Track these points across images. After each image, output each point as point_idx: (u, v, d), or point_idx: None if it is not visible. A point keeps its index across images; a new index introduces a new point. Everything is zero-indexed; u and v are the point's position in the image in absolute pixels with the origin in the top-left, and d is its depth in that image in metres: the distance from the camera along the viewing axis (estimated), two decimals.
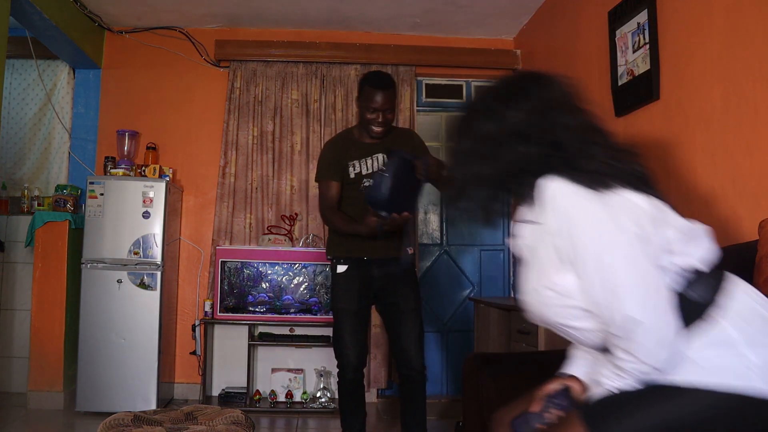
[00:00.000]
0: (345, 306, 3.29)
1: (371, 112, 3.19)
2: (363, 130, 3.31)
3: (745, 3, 2.55)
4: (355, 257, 3.30)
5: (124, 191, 4.55)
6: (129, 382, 4.44)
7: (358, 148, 3.33)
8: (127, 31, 5.22)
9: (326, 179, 3.32)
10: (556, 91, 1.58)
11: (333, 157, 3.33)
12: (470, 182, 1.58)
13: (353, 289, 3.30)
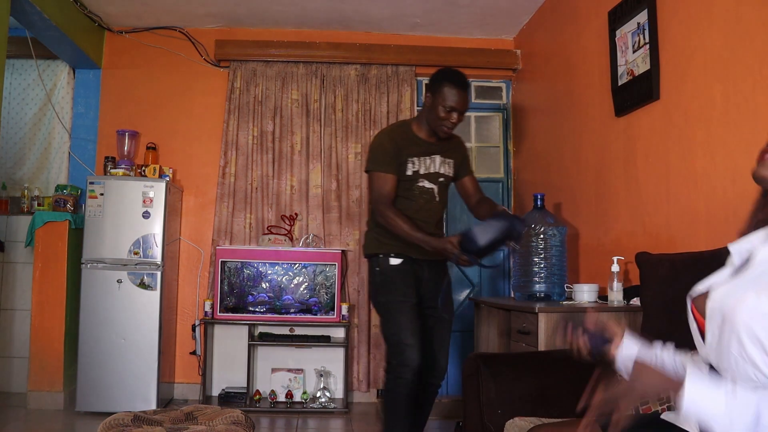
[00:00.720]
0: (405, 298, 3.06)
1: (446, 111, 3.08)
2: (424, 126, 3.20)
3: (745, 3, 2.55)
4: (408, 255, 3.13)
5: (124, 191, 4.55)
6: (129, 382, 4.44)
7: (418, 145, 3.19)
8: (127, 31, 5.22)
9: (385, 171, 3.11)
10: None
11: (393, 149, 3.13)
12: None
13: (410, 283, 3.11)
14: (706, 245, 2.49)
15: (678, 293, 1.75)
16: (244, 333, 4.84)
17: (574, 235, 4.09)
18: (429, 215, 3.21)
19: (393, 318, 3.06)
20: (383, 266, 3.15)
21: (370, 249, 3.23)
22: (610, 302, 3.12)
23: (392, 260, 3.13)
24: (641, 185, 3.35)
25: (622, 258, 3.22)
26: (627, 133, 3.50)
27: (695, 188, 2.86)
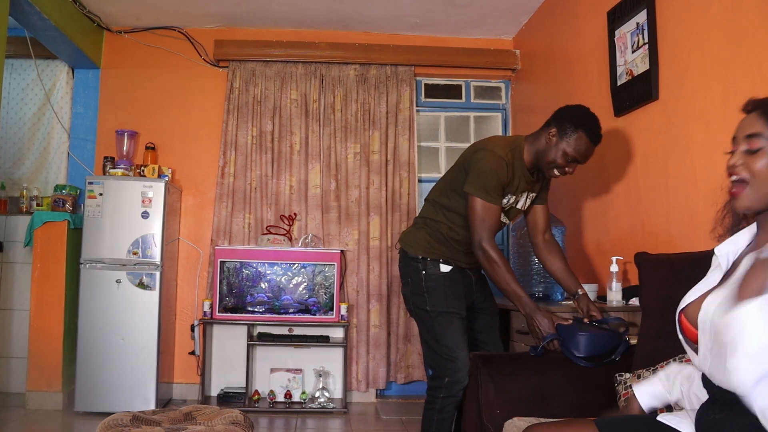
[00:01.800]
0: (455, 310, 2.89)
1: (570, 161, 2.77)
2: (532, 158, 2.86)
3: (744, 3, 2.55)
4: (456, 264, 2.97)
5: (123, 191, 4.55)
6: (128, 382, 4.44)
7: (523, 180, 2.89)
8: (126, 31, 5.22)
9: (492, 201, 2.78)
10: None
11: (506, 181, 2.82)
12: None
13: (460, 293, 2.95)
14: (706, 245, 2.49)
15: (677, 293, 1.75)
16: (243, 333, 4.84)
17: (573, 234, 4.09)
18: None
19: (445, 332, 2.85)
20: (432, 271, 2.94)
21: (417, 250, 2.98)
22: (609, 302, 3.12)
23: (443, 267, 2.94)
24: (640, 185, 3.35)
25: (621, 258, 3.22)
26: (626, 133, 3.50)
27: (694, 188, 2.86)
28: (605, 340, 2.57)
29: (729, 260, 1.54)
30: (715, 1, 2.73)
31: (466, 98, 5.58)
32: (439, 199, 3.00)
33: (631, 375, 2.29)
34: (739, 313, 1.33)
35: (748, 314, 1.31)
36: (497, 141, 2.90)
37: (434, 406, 2.83)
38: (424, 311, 2.93)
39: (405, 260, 3.05)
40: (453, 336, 2.83)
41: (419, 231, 3.02)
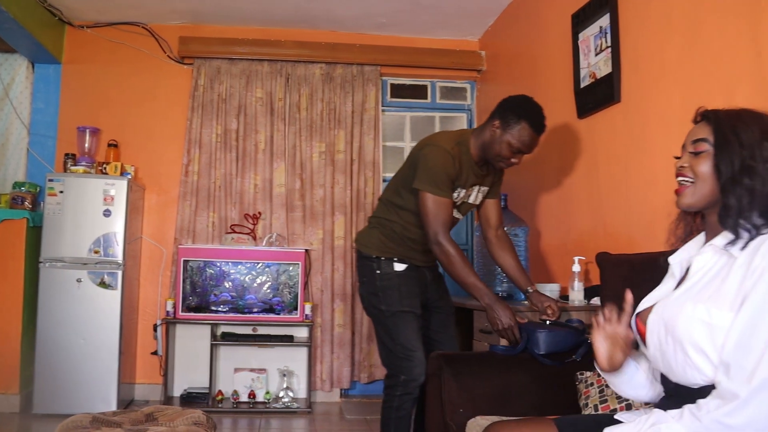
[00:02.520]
0: (410, 309, 2.89)
1: (515, 152, 2.79)
2: (479, 151, 2.87)
3: (703, 10, 2.60)
4: (411, 263, 2.97)
5: (84, 189, 4.48)
6: (88, 383, 4.37)
7: (472, 174, 2.90)
8: (89, 26, 5.13)
9: (442, 196, 2.78)
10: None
11: (454, 175, 2.83)
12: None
13: (414, 292, 2.95)
14: (665, 246, 2.53)
15: (637, 294, 1.78)
16: (206, 333, 4.80)
17: (536, 235, 4.13)
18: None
19: (400, 330, 2.86)
20: (386, 270, 2.94)
21: (371, 250, 2.99)
22: (571, 301, 3.16)
23: (397, 266, 2.93)
24: (602, 186, 3.40)
25: (583, 258, 3.26)
26: (589, 134, 3.55)
27: (654, 190, 2.91)
28: (564, 337, 2.61)
29: (682, 267, 1.62)
30: (676, 8, 2.78)
31: (432, 98, 5.61)
32: (391, 198, 3.01)
33: (592, 373, 2.33)
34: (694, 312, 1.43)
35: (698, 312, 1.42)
36: (443, 136, 2.94)
37: (392, 405, 2.85)
38: (378, 310, 2.93)
39: (360, 260, 3.06)
40: (408, 335, 2.85)
41: (373, 230, 3.04)
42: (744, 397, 1.31)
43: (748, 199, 1.44)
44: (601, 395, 2.23)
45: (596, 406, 2.22)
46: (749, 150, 1.46)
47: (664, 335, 1.51)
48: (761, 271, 1.36)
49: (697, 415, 1.37)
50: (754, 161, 1.45)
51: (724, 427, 1.32)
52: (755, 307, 1.34)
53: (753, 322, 1.34)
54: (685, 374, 1.46)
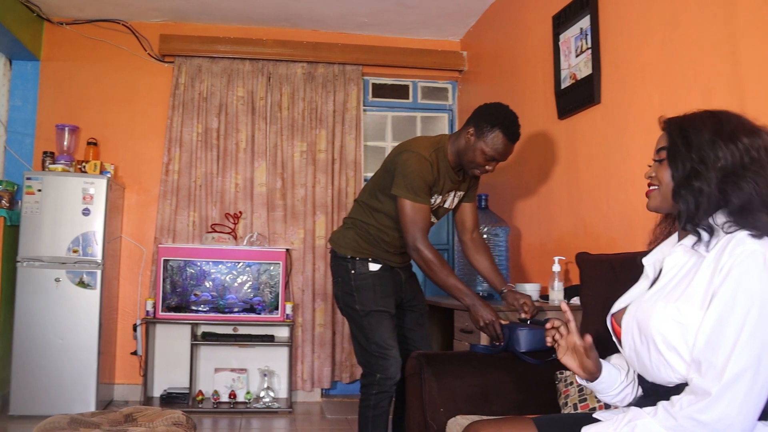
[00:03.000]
0: (384, 309, 2.91)
1: (489, 159, 2.80)
2: (454, 158, 2.89)
3: (682, 14, 2.63)
4: (386, 263, 2.99)
5: (63, 187, 4.44)
6: (66, 383, 4.33)
7: (449, 179, 2.92)
8: (68, 23, 5.08)
9: (420, 202, 2.80)
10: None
11: (432, 181, 2.84)
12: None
13: (389, 292, 2.97)
14: (644, 246, 2.54)
15: (616, 293, 1.80)
16: (186, 332, 4.77)
17: (517, 235, 4.15)
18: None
19: (375, 330, 2.88)
20: (361, 270, 2.96)
21: (346, 250, 3.00)
22: (551, 301, 3.18)
23: (372, 266, 2.95)
24: (582, 187, 3.42)
25: (564, 258, 3.28)
26: (569, 135, 3.57)
27: (634, 190, 2.93)
28: (544, 336, 2.63)
29: (656, 268, 1.66)
30: (655, 11, 2.81)
31: (413, 98, 5.62)
32: (367, 201, 3.02)
33: (572, 373, 2.34)
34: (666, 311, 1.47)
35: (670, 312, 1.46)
36: (421, 142, 2.93)
37: (368, 403, 2.87)
38: (353, 310, 2.96)
39: (335, 260, 3.08)
40: (383, 333, 2.87)
41: (348, 231, 3.05)
42: (715, 394, 1.34)
43: (695, 203, 1.49)
44: (580, 394, 2.25)
45: (575, 405, 2.24)
46: (698, 152, 1.51)
47: (638, 335, 1.55)
48: (728, 269, 1.39)
49: (670, 412, 1.40)
50: (703, 164, 1.49)
51: (697, 423, 1.35)
52: (723, 305, 1.38)
53: (721, 320, 1.37)
54: (660, 373, 1.50)
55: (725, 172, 1.48)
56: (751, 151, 1.48)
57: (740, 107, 2.26)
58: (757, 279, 1.36)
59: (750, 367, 1.32)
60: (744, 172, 1.47)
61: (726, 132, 1.51)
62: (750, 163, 1.47)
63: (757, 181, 1.45)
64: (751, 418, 1.34)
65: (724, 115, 1.56)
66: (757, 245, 1.39)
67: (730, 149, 1.48)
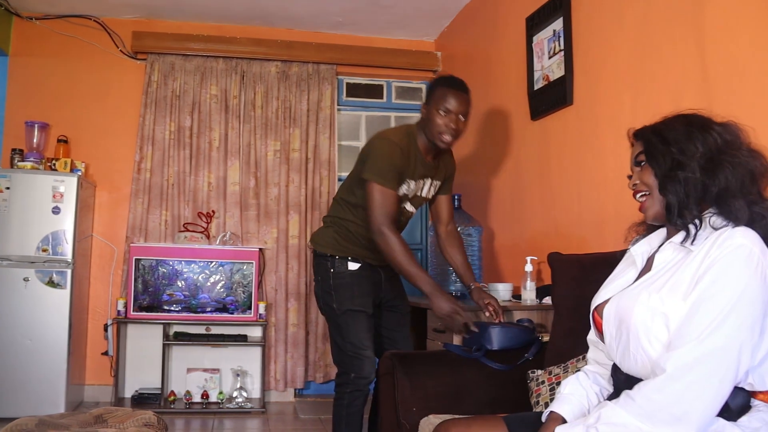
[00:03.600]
0: (361, 308, 2.91)
1: (444, 115, 2.79)
2: (423, 143, 2.89)
3: (653, 17, 2.66)
4: (365, 261, 2.98)
5: (32, 185, 4.38)
6: (35, 385, 4.27)
7: (419, 166, 2.90)
8: (38, 18, 5.00)
9: (387, 186, 2.79)
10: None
11: (401, 166, 2.83)
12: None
13: (367, 291, 2.96)
14: (615, 246, 2.57)
15: (587, 292, 1.81)
16: (158, 332, 4.72)
17: (490, 235, 4.18)
18: (399, 230, 2.95)
19: (350, 329, 2.89)
20: (340, 269, 2.96)
21: (326, 248, 3.00)
22: (523, 301, 3.20)
23: (351, 264, 2.94)
24: (554, 187, 3.45)
25: (536, 258, 3.30)
26: (542, 136, 3.60)
27: (605, 191, 2.97)
28: (516, 334, 2.66)
29: (644, 259, 1.66)
30: (627, 14, 2.84)
31: (388, 98, 5.62)
32: (346, 197, 3.02)
33: (543, 371, 2.36)
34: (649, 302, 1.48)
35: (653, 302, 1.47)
36: (392, 130, 2.98)
37: (342, 402, 2.88)
38: (331, 308, 2.96)
39: (315, 258, 3.08)
40: (358, 333, 2.88)
41: (328, 229, 3.05)
42: (670, 372, 1.35)
43: (684, 192, 1.51)
44: (551, 393, 2.26)
45: (547, 403, 2.25)
46: (677, 145, 1.53)
47: (620, 325, 1.56)
48: (713, 260, 1.40)
49: (630, 395, 1.41)
50: (683, 155, 1.52)
51: (652, 402, 1.36)
52: (701, 292, 1.40)
53: (694, 306, 1.39)
54: (636, 363, 1.51)
55: (705, 159, 1.50)
56: (725, 134, 1.52)
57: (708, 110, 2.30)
58: (738, 272, 1.38)
59: (714, 354, 1.34)
60: (721, 157, 1.49)
61: (697, 123, 1.55)
62: (725, 146, 1.50)
63: (732, 165, 1.48)
64: (710, 406, 1.35)
65: (691, 113, 1.60)
66: (746, 240, 1.40)
67: (705, 138, 1.52)
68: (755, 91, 2.13)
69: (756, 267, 1.38)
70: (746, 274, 1.37)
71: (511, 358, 2.58)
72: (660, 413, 1.35)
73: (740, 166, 1.48)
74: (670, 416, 1.34)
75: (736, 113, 1.98)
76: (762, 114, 2.08)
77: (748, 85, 2.16)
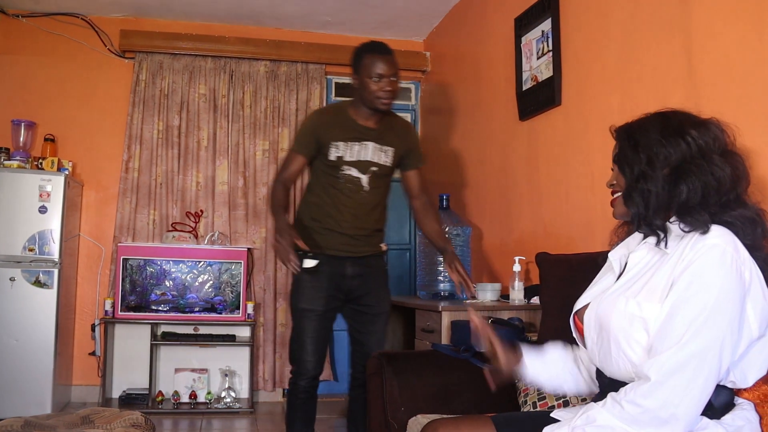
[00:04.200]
0: (310, 307, 2.94)
1: (375, 81, 2.85)
2: (362, 110, 2.96)
3: (639, 18, 2.68)
4: (326, 254, 2.97)
5: (18, 184, 4.35)
6: (21, 385, 4.23)
7: (348, 128, 2.94)
8: (24, 15, 4.97)
9: (296, 151, 2.97)
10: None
11: (314, 129, 2.95)
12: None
13: (321, 288, 2.96)
14: (602, 246, 2.58)
15: (575, 292, 1.82)
16: (146, 332, 4.70)
17: (478, 235, 4.18)
18: (357, 206, 2.98)
19: (297, 327, 3.01)
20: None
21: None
22: (511, 301, 3.21)
23: (307, 262, 2.94)
24: (542, 187, 3.46)
25: (524, 258, 3.31)
26: (530, 136, 3.61)
27: (592, 191, 2.98)
28: (505, 334, 2.66)
29: (621, 263, 1.68)
30: (614, 15, 2.85)
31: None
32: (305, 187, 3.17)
33: None
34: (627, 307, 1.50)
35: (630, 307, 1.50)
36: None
37: (288, 390, 3.09)
38: (290, 304, 3.10)
39: None
40: (301, 334, 2.98)
41: (296, 222, 3.11)
42: (656, 379, 1.36)
43: (644, 205, 1.53)
44: (539, 393, 2.27)
45: (535, 403, 2.26)
46: (645, 152, 1.55)
47: (600, 330, 1.57)
48: (688, 261, 1.42)
49: (616, 399, 1.42)
50: (649, 165, 1.53)
51: (639, 408, 1.37)
52: (679, 295, 1.41)
53: (675, 309, 1.40)
54: (619, 368, 1.52)
55: (672, 168, 1.51)
56: (698, 140, 1.51)
57: (696, 110, 2.31)
58: (714, 273, 1.39)
59: (696, 356, 1.35)
60: (688, 167, 1.50)
61: (672, 127, 1.54)
62: (698, 153, 1.50)
63: (699, 174, 1.48)
64: (695, 407, 1.37)
65: (672, 112, 1.60)
66: (719, 240, 1.42)
67: (678, 143, 1.51)
68: (741, 91, 2.15)
69: (731, 265, 1.39)
70: (721, 274, 1.39)
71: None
72: (646, 417, 1.37)
73: (708, 176, 1.48)
74: (657, 420, 1.36)
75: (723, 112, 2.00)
76: (747, 113, 2.10)
77: (734, 85, 2.18)
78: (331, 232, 2.97)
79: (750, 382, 1.46)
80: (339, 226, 2.96)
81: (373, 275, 3.08)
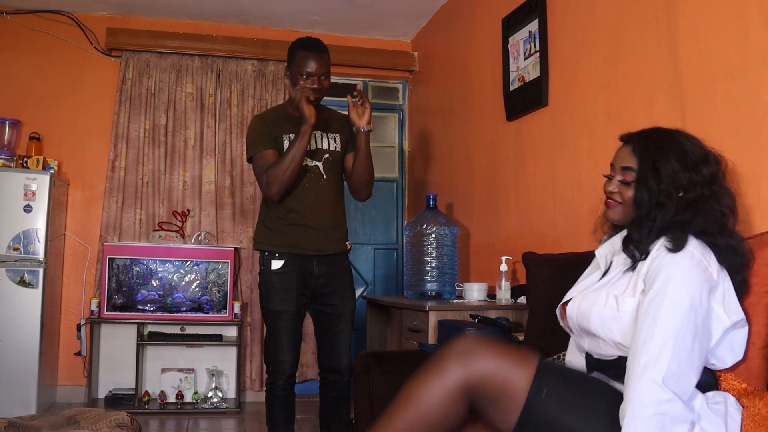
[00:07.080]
0: (283, 308, 2.95)
1: (307, 78, 2.91)
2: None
3: (625, 19, 2.69)
4: (292, 252, 2.98)
5: (3, 183, 4.31)
6: (5, 386, 4.20)
7: (294, 122, 2.94)
8: (9, 12, 4.93)
9: (261, 150, 2.94)
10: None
11: (265, 129, 2.99)
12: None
13: (290, 288, 2.97)
14: (589, 246, 2.60)
15: (561, 292, 1.83)
16: (132, 332, 4.68)
17: (465, 235, 4.19)
18: (319, 196, 2.99)
19: (271, 328, 3.01)
20: (265, 268, 3.03)
21: (258, 243, 3.09)
22: (498, 300, 3.22)
23: (274, 263, 2.98)
24: (529, 187, 3.47)
25: (511, 258, 3.33)
26: (517, 137, 3.62)
27: (579, 191, 2.99)
28: (491, 333, 2.67)
29: (607, 261, 1.79)
30: (601, 16, 2.87)
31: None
32: None
33: None
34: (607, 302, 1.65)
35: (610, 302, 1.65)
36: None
37: (265, 390, 3.06)
38: (261, 305, 3.09)
39: None
40: (276, 335, 2.97)
41: (260, 224, 3.12)
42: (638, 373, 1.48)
43: (648, 231, 1.64)
44: None
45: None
46: (666, 184, 1.64)
47: (583, 321, 1.70)
48: (663, 265, 1.55)
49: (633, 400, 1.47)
50: (668, 197, 1.64)
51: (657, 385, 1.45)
52: (657, 290, 1.53)
53: (654, 302, 1.52)
54: (607, 351, 1.67)
55: (682, 204, 1.63)
56: (708, 175, 1.64)
57: (680, 114, 2.34)
58: (687, 268, 1.52)
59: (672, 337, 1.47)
60: (699, 199, 1.63)
61: (691, 159, 1.65)
62: (707, 188, 1.63)
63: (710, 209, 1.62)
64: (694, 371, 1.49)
65: (683, 137, 1.70)
66: (691, 247, 1.56)
67: (694, 178, 1.63)
68: (726, 94, 2.16)
69: (698, 264, 1.54)
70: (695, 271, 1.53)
71: None
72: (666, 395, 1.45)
73: (716, 209, 1.62)
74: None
75: (707, 115, 2.03)
76: (732, 116, 2.12)
77: (718, 85, 2.20)
78: (295, 227, 2.97)
79: (728, 363, 1.62)
80: (303, 218, 2.96)
81: (337, 275, 3.07)
